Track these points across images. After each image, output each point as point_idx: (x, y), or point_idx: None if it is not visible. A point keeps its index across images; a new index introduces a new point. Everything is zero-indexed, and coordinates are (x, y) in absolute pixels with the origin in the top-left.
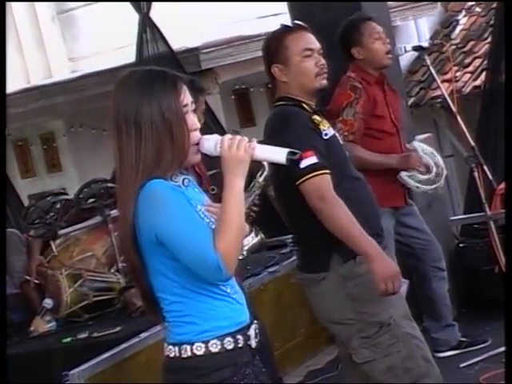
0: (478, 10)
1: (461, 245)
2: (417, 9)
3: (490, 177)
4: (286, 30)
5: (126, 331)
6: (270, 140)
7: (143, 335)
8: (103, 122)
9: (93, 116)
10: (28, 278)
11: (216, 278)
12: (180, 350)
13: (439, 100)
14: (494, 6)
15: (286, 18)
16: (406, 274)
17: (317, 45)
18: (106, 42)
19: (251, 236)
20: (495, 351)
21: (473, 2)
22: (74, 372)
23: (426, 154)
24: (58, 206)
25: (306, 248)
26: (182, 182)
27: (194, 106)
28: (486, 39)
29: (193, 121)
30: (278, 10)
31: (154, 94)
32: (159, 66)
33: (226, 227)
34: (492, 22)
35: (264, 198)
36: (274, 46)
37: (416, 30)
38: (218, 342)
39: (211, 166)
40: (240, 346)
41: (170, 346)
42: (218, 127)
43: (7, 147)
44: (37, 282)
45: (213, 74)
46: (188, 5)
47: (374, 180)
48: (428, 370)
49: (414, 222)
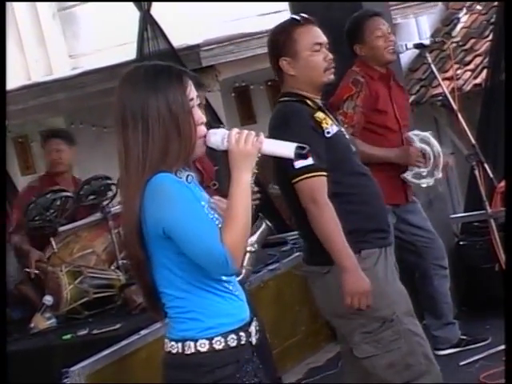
0: (478, 7)
1: (461, 243)
2: (418, 7)
3: (491, 175)
4: (294, 23)
5: (126, 328)
6: (271, 137)
7: (143, 332)
8: (104, 119)
9: (93, 113)
10: (28, 270)
11: (223, 272)
12: (183, 347)
13: (440, 98)
14: (495, 4)
15: (287, 16)
16: (408, 270)
17: (324, 39)
18: (107, 39)
19: (257, 228)
20: (495, 349)
21: (473, 0)
22: (74, 369)
23: (423, 141)
24: (58, 202)
25: (312, 241)
26: (186, 179)
27: (199, 101)
28: (486, 37)
29: (199, 115)
30: (279, 8)
31: (160, 88)
32: None
33: (232, 221)
34: (493, 20)
35: (264, 196)
36: (283, 39)
37: (417, 28)
38: (222, 339)
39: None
40: (242, 343)
41: (173, 343)
42: (219, 124)
43: (7, 144)
44: (36, 272)
45: (213, 71)
46: (189, 2)
47: (374, 177)
48: (428, 368)
49: (416, 219)
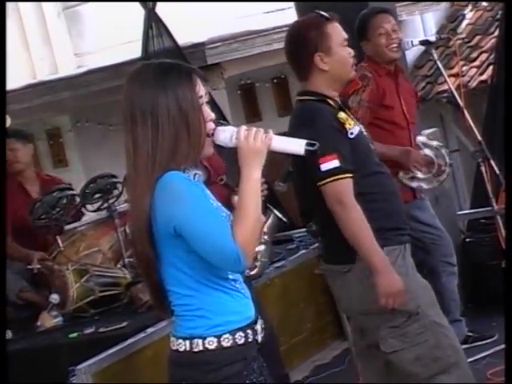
0: (484, 4)
1: (467, 239)
2: (423, 3)
3: (497, 171)
4: (323, 18)
5: (133, 326)
6: (292, 136)
7: (149, 330)
8: (109, 117)
9: (99, 111)
10: (30, 267)
11: (235, 268)
12: (191, 344)
13: (445, 95)
14: None
15: (292, 13)
16: (416, 267)
17: (347, 35)
18: (112, 37)
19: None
20: (502, 346)
21: None
22: (80, 367)
23: (432, 149)
24: (65, 201)
25: (332, 240)
26: (193, 177)
27: (207, 98)
28: (492, 33)
29: (208, 112)
30: (283, 5)
31: (170, 86)
32: None
33: (243, 218)
34: (498, 17)
35: (270, 193)
36: (316, 34)
37: (422, 25)
38: (230, 337)
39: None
40: (250, 340)
41: (180, 340)
42: (224, 122)
43: None
44: (38, 266)
45: (219, 68)
46: (194, 1)
47: None
48: (456, 359)
49: (425, 216)
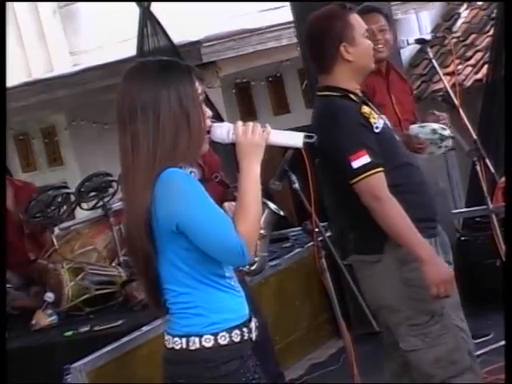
0: (479, 3)
1: (462, 238)
2: (418, 2)
3: (492, 170)
4: (346, 9)
5: (128, 325)
6: (319, 136)
7: (145, 329)
8: (104, 115)
9: (94, 110)
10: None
11: (239, 261)
12: (188, 342)
13: (441, 93)
14: None
15: (288, 12)
16: None
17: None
18: (107, 35)
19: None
20: (497, 344)
21: None
22: (75, 365)
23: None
24: (60, 199)
25: (361, 230)
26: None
27: (204, 96)
28: (487, 32)
29: (205, 109)
30: (279, 4)
31: (171, 82)
32: None
33: (245, 212)
34: (493, 15)
35: (265, 192)
36: (341, 24)
37: (417, 23)
38: (227, 335)
39: None
40: (245, 338)
41: (176, 338)
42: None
43: (8, 141)
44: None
45: (214, 67)
46: None
47: None
48: (471, 364)
49: None
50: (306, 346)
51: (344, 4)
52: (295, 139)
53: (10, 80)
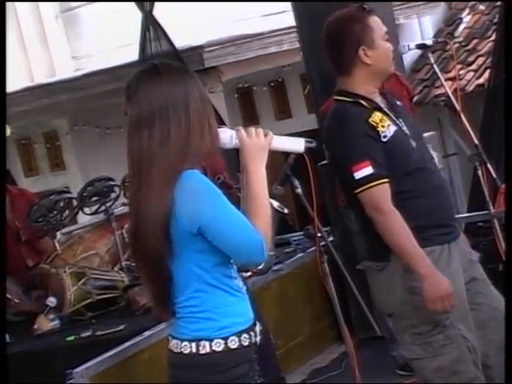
0: (481, 8)
1: None
2: (420, 7)
3: (494, 175)
4: (365, 12)
5: (130, 329)
6: (327, 141)
7: (147, 333)
8: (107, 120)
9: (96, 114)
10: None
11: (259, 259)
12: (198, 347)
13: (442, 98)
14: (498, 4)
15: (290, 16)
16: None
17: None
18: (110, 40)
19: None
20: None
21: (476, 1)
22: (77, 370)
23: None
24: (62, 204)
25: (368, 236)
26: None
27: None
28: (489, 37)
29: None
30: (281, 9)
31: (194, 82)
32: None
33: (259, 211)
34: (496, 20)
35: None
36: (360, 27)
37: (419, 28)
38: (236, 339)
39: None
40: (253, 342)
41: (185, 343)
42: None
43: (10, 146)
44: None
45: (216, 72)
46: (191, 3)
47: None
48: (476, 375)
49: None
50: (308, 351)
51: (363, 6)
52: (297, 144)
53: (12, 85)
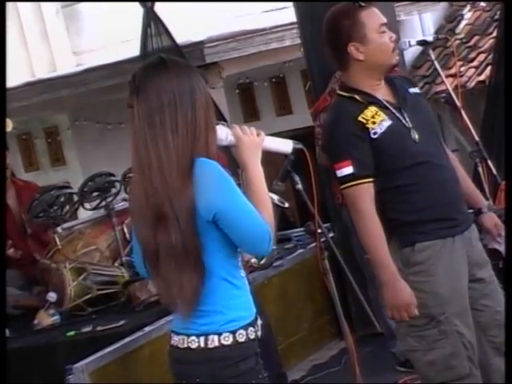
0: (482, 4)
1: None
2: (421, 3)
3: (495, 172)
4: (357, 6)
5: (130, 325)
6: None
7: (147, 329)
8: (107, 115)
9: (97, 110)
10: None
11: (266, 249)
12: (206, 341)
13: (443, 95)
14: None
15: (291, 12)
16: None
17: (385, 19)
18: (111, 35)
19: None
20: None
21: None
22: (77, 365)
23: None
24: (62, 199)
25: None
26: None
27: None
28: (490, 34)
29: None
30: (282, 4)
31: (198, 78)
32: None
33: (263, 203)
34: (497, 17)
35: None
36: (349, 23)
37: (420, 25)
38: (244, 332)
39: None
40: (258, 335)
41: (193, 337)
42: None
43: (11, 141)
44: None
45: (217, 67)
46: None
47: None
48: (471, 371)
49: None
50: (308, 347)
51: (358, 1)
52: (286, 146)
53: (13, 80)
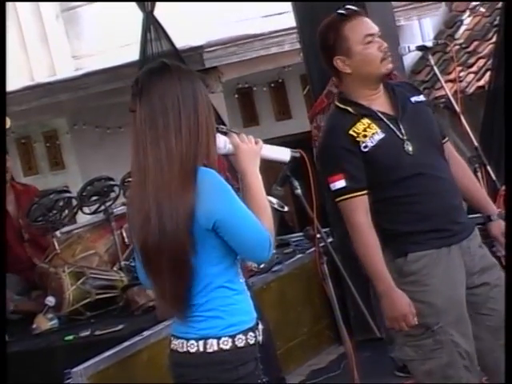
0: (482, 10)
1: None
2: (421, 8)
3: (494, 177)
4: (342, 18)
5: (129, 329)
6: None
7: (146, 333)
8: (107, 119)
9: (96, 114)
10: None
11: (266, 256)
12: (205, 345)
13: (443, 100)
14: (499, 6)
15: (291, 17)
16: None
17: (376, 29)
18: (110, 40)
19: None
20: None
21: (477, 2)
22: (76, 370)
23: None
24: (61, 203)
25: None
26: None
27: None
28: (490, 39)
29: None
30: (282, 9)
31: (200, 84)
32: None
33: (263, 210)
34: (496, 23)
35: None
36: (333, 37)
37: (420, 30)
38: (243, 337)
39: None
40: (258, 340)
41: (192, 341)
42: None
43: (10, 145)
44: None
45: (216, 72)
46: (192, 3)
47: None
48: (468, 381)
49: None
50: (307, 352)
51: (344, 12)
52: (283, 154)
53: (13, 84)
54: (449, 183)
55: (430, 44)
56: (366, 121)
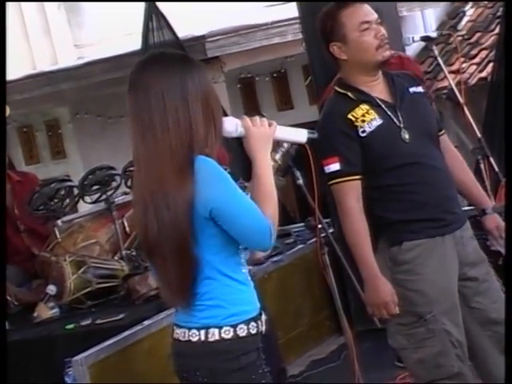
0: (484, 1)
1: None
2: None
3: (496, 168)
4: (339, 5)
5: (130, 318)
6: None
7: (146, 322)
8: (108, 109)
9: (98, 103)
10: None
11: (267, 244)
12: (207, 334)
13: (445, 91)
14: None
15: (293, 7)
16: None
17: (374, 16)
18: (112, 29)
19: None
20: None
21: None
22: (76, 358)
23: None
24: (63, 192)
25: None
26: None
27: None
28: (492, 31)
29: None
30: None
31: (197, 72)
32: None
33: (268, 197)
34: (499, 14)
35: None
36: (330, 24)
37: (422, 21)
38: (245, 327)
39: None
40: (260, 330)
41: (194, 330)
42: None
43: (12, 133)
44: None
45: (219, 62)
46: None
47: None
48: (460, 370)
49: None
50: (307, 343)
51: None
52: (299, 135)
53: (15, 72)
54: (444, 173)
55: (434, 35)
56: (364, 106)
